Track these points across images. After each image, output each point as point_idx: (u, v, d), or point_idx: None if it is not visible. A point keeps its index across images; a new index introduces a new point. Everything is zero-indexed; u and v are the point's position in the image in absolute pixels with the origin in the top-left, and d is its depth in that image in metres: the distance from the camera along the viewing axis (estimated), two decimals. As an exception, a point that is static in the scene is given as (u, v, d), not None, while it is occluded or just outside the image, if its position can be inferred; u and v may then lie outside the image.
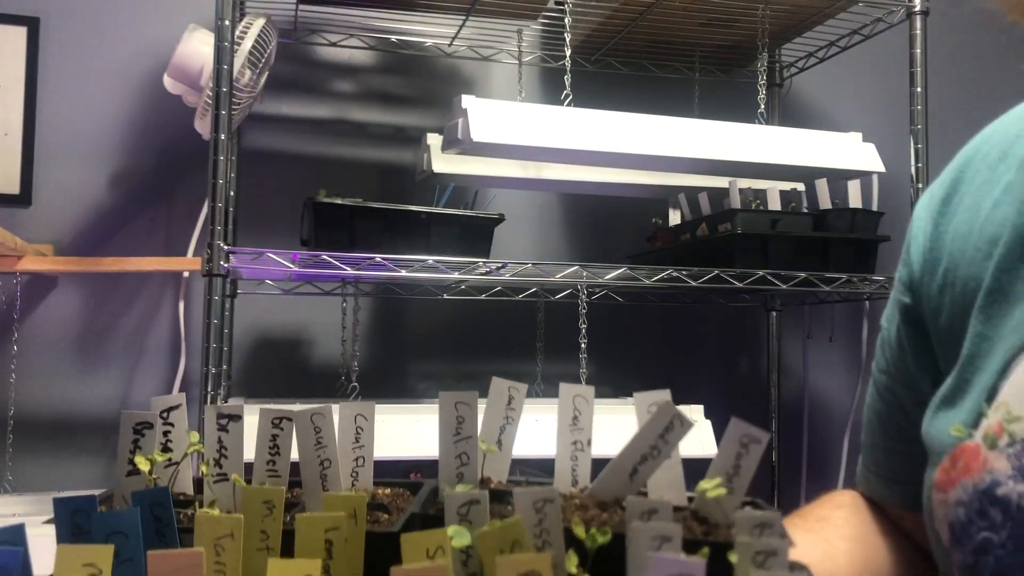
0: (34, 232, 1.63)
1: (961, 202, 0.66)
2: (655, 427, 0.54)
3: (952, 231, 0.65)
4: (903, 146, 1.61)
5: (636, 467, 0.54)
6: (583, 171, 1.66)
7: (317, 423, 0.57)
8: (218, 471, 0.57)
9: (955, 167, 0.69)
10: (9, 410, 1.61)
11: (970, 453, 0.56)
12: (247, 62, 1.45)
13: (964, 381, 0.60)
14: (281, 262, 1.34)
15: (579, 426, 0.59)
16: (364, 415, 0.61)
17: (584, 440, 0.59)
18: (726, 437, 0.54)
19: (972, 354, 0.60)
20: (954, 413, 0.60)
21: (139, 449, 0.55)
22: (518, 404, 0.60)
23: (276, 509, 0.48)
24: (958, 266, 0.63)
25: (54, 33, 1.68)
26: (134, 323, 1.70)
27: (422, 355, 1.84)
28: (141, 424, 0.55)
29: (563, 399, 0.60)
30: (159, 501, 0.48)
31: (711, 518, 0.53)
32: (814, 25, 1.76)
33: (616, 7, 1.63)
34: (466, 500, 0.47)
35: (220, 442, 0.58)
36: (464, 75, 1.90)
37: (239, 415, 0.58)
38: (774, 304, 1.98)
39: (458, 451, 0.57)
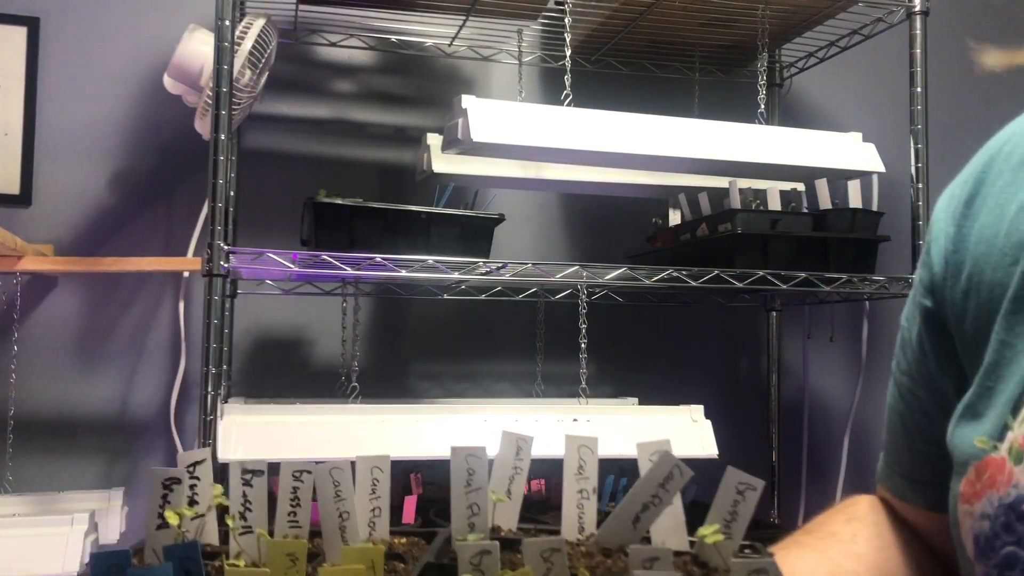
0: (34, 232, 1.64)
1: (984, 204, 0.65)
2: (656, 477, 0.57)
3: (976, 234, 0.64)
4: (903, 146, 1.61)
5: (639, 515, 0.57)
6: (583, 171, 1.66)
7: (336, 477, 0.60)
8: (243, 524, 0.60)
9: (976, 168, 0.67)
10: (9, 410, 1.61)
11: (996, 466, 0.56)
12: (247, 62, 1.45)
13: (987, 390, 0.59)
14: (281, 262, 1.34)
15: (585, 475, 0.62)
16: (380, 467, 0.64)
17: (590, 488, 0.62)
18: (723, 485, 0.57)
19: (995, 362, 0.59)
20: (979, 424, 0.59)
21: (168, 504, 0.58)
22: (526, 455, 0.63)
23: (299, 561, 0.51)
24: (983, 271, 0.62)
25: (54, 33, 1.68)
26: (134, 323, 1.70)
27: (422, 355, 1.84)
28: (170, 480, 0.59)
29: (568, 450, 0.62)
30: (189, 555, 0.51)
31: (711, 563, 0.56)
32: (814, 25, 1.76)
33: (616, 7, 1.63)
34: (478, 551, 0.49)
35: (244, 496, 0.61)
36: (464, 75, 1.90)
37: (262, 471, 0.61)
38: (774, 304, 1.98)
39: (469, 502, 0.60)
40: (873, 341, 1.98)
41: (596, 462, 0.62)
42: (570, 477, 0.62)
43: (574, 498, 0.62)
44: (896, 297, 1.68)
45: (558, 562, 0.49)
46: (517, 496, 0.63)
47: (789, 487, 1.98)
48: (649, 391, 1.76)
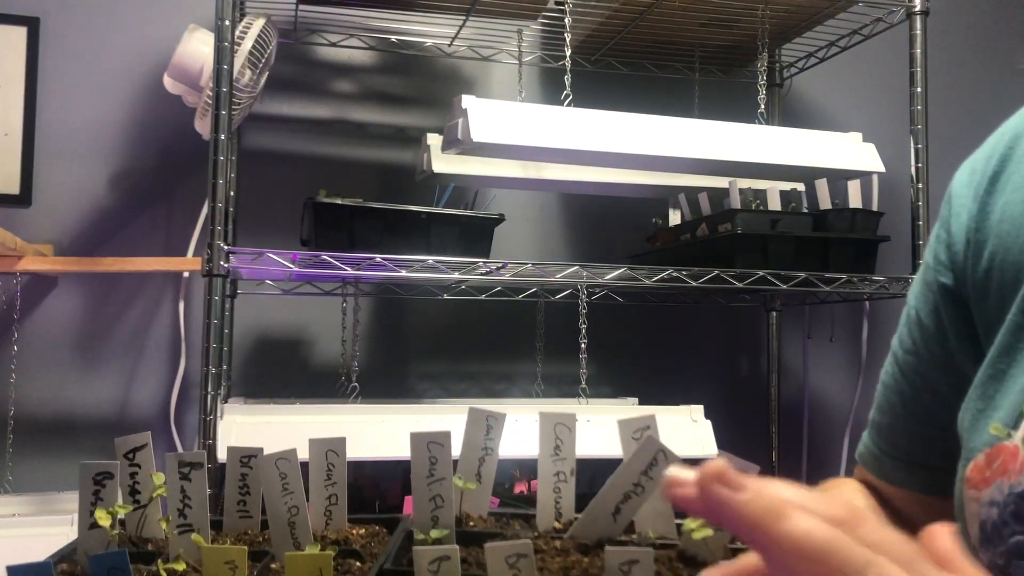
0: (34, 232, 1.64)
1: (1009, 181, 0.62)
2: (639, 463, 0.52)
3: (999, 212, 0.62)
4: (903, 146, 1.61)
5: (619, 506, 0.52)
6: (583, 171, 1.66)
7: (283, 469, 0.54)
8: (182, 521, 0.54)
9: (1003, 143, 0.65)
10: (9, 410, 1.61)
11: (1008, 454, 0.55)
12: (247, 62, 1.45)
13: (1000, 372, 0.58)
14: (281, 262, 1.34)
15: (561, 455, 0.57)
16: (335, 450, 0.58)
17: (567, 470, 0.56)
18: None
19: (1009, 345, 0.58)
20: (992, 410, 0.58)
21: (100, 501, 0.52)
22: (497, 434, 0.57)
23: (239, 569, 0.46)
24: (1008, 250, 0.60)
25: (54, 33, 1.68)
26: (134, 323, 1.70)
27: (422, 355, 1.84)
28: (101, 475, 0.52)
29: (544, 427, 0.57)
30: (118, 565, 0.47)
31: (698, 556, 0.52)
32: (814, 25, 1.76)
33: (616, 7, 1.63)
34: (436, 556, 0.45)
35: (183, 491, 0.55)
36: (464, 75, 1.90)
37: (201, 463, 0.55)
38: (774, 304, 1.98)
39: (432, 494, 0.53)
40: (873, 341, 1.98)
41: (574, 441, 0.57)
42: (545, 459, 0.56)
43: (550, 481, 0.56)
44: (896, 297, 1.68)
45: (525, 568, 0.44)
46: (488, 480, 0.57)
47: (789, 487, 1.97)
48: (649, 391, 1.77)
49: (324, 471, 0.57)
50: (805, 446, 2.01)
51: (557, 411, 0.57)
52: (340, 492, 0.58)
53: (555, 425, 0.57)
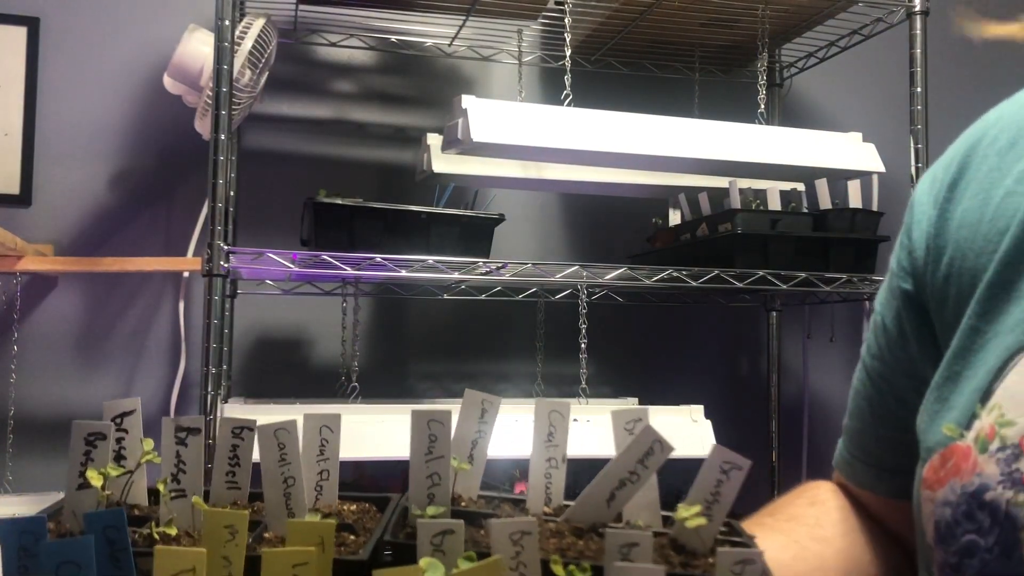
0: (34, 232, 1.63)
1: (968, 188, 0.63)
2: (635, 452, 0.53)
3: (958, 219, 0.63)
4: (903, 146, 1.61)
5: (614, 492, 0.53)
6: (583, 171, 1.66)
7: (281, 439, 0.54)
8: (176, 487, 0.54)
9: (960, 151, 0.66)
10: (9, 410, 1.61)
11: (961, 454, 0.55)
12: (247, 62, 1.45)
13: (955, 374, 0.59)
14: (281, 262, 1.34)
15: (554, 442, 0.58)
16: (330, 426, 0.58)
17: (559, 457, 0.58)
18: (707, 463, 0.53)
19: (964, 347, 0.59)
20: (947, 411, 0.59)
21: (91, 461, 0.52)
22: (491, 417, 0.58)
23: (239, 534, 0.45)
24: (965, 256, 0.61)
25: (54, 33, 1.68)
26: (134, 323, 1.70)
27: (422, 355, 1.84)
28: (93, 435, 0.52)
29: (539, 414, 0.58)
30: (114, 524, 0.45)
31: (688, 546, 0.52)
32: (814, 25, 1.76)
33: (616, 7, 1.63)
34: (441, 530, 0.45)
35: (178, 456, 0.55)
36: (464, 75, 1.90)
37: (199, 428, 0.55)
38: (774, 304, 1.98)
39: (430, 471, 0.54)
40: (873, 341, 1.98)
41: (567, 429, 0.58)
42: (539, 445, 0.58)
43: (542, 467, 0.58)
44: (896, 297, 1.68)
45: (529, 546, 0.44)
46: (479, 464, 0.58)
47: (789, 487, 1.97)
48: (649, 391, 1.77)
49: (317, 447, 0.58)
50: (805, 446, 2.01)
51: (552, 400, 0.59)
52: (332, 468, 0.59)
53: (550, 413, 0.58)
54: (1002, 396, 0.54)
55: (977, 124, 0.67)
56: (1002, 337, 0.56)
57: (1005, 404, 0.54)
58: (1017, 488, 0.50)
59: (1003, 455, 0.52)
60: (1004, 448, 0.52)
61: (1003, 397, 0.54)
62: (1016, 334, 0.55)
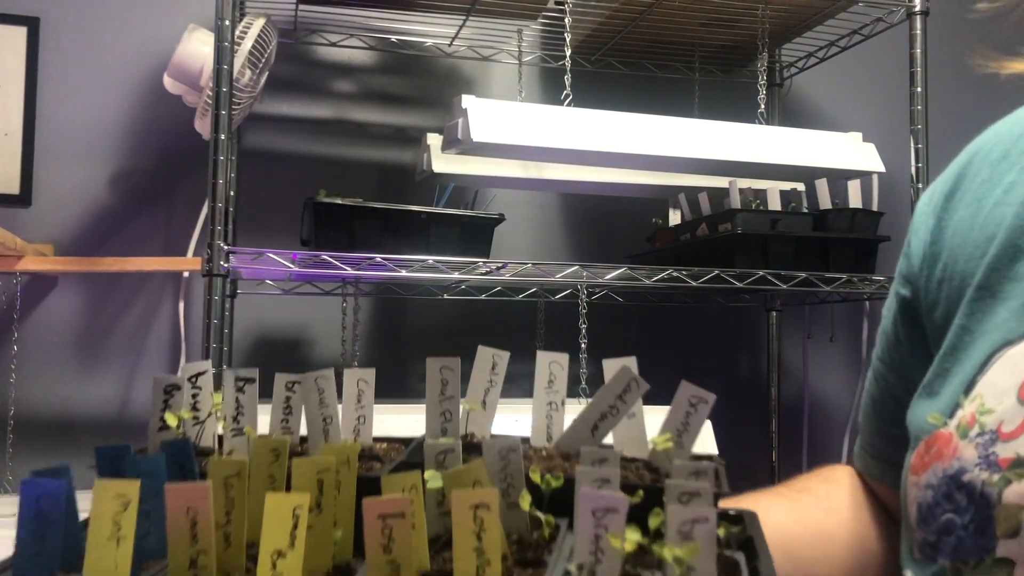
0: (34, 232, 1.64)
1: (963, 199, 0.67)
2: (614, 389, 0.62)
3: (953, 227, 0.67)
4: (903, 146, 1.61)
5: (597, 424, 0.62)
6: (583, 171, 1.66)
7: (320, 385, 0.65)
8: (235, 427, 0.66)
9: (959, 164, 0.70)
10: (9, 410, 1.61)
11: (943, 440, 0.59)
12: (247, 62, 1.46)
13: (944, 371, 0.63)
14: (281, 262, 1.34)
15: (554, 388, 0.67)
16: (366, 380, 0.70)
17: (559, 400, 0.67)
18: (676, 398, 0.61)
19: (954, 345, 0.63)
20: (933, 402, 0.63)
21: (168, 408, 0.63)
22: (501, 369, 0.70)
23: (281, 456, 0.54)
24: (956, 262, 0.65)
25: (54, 33, 1.68)
26: (134, 323, 1.70)
27: (422, 355, 1.83)
28: (170, 387, 0.64)
29: (540, 365, 0.68)
30: (182, 451, 0.56)
31: (662, 469, 0.60)
32: (814, 25, 1.76)
33: (616, 7, 1.63)
34: (443, 449, 0.53)
35: (237, 402, 0.67)
36: (464, 75, 1.90)
37: (254, 378, 0.68)
38: (774, 304, 1.98)
39: (442, 409, 0.65)
40: (873, 341, 1.97)
41: (565, 377, 0.67)
42: (540, 391, 0.68)
43: (544, 409, 0.67)
44: (896, 297, 1.68)
45: (514, 461, 0.53)
46: (492, 406, 0.69)
47: (789, 487, 1.97)
48: (649, 391, 1.76)
49: (356, 397, 0.69)
50: (805, 446, 2.01)
51: (551, 352, 0.70)
52: (368, 414, 0.70)
53: (550, 363, 0.68)
54: (984, 387, 0.58)
55: (976, 139, 0.71)
56: (987, 335, 0.60)
57: (986, 394, 0.58)
58: (992, 469, 0.54)
59: (981, 440, 0.56)
60: (983, 434, 0.56)
61: (985, 388, 0.58)
62: (1000, 332, 0.59)
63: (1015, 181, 0.63)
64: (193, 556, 0.46)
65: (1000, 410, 0.56)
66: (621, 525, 0.43)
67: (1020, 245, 0.60)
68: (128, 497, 0.46)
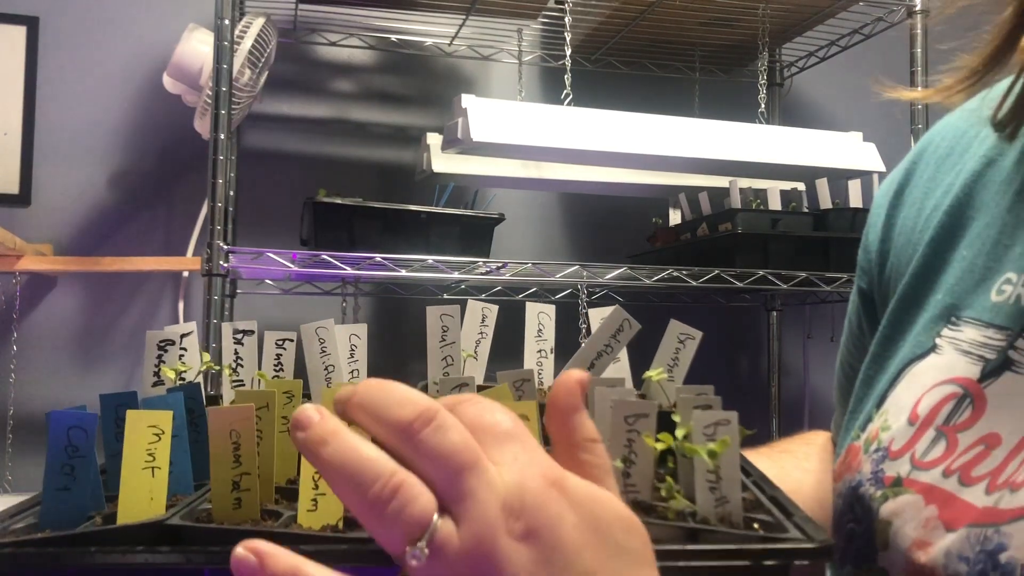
0: (33, 232, 1.63)
1: (910, 195, 0.67)
2: (608, 329, 0.67)
3: (899, 226, 0.67)
4: (903, 146, 1.61)
5: (593, 362, 0.67)
6: (583, 171, 1.66)
7: (321, 336, 0.68)
8: (235, 377, 0.69)
9: (910, 158, 0.70)
10: (9, 410, 1.60)
11: (853, 453, 0.61)
12: (247, 61, 1.45)
13: (868, 378, 0.64)
14: (281, 262, 1.34)
15: (543, 337, 0.74)
16: (357, 335, 0.72)
17: (547, 348, 0.74)
18: (666, 336, 0.67)
19: (877, 353, 0.63)
20: (858, 413, 0.64)
21: (163, 363, 0.65)
22: (491, 322, 0.76)
23: (295, 398, 0.57)
24: (899, 262, 0.65)
25: (53, 33, 1.68)
26: (133, 323, 1.69)
27: (422, 355, 1.82)
28: (164, 342, 0.65)
29: (529, 315, 0.74)
30: (192, 395, 0.57)
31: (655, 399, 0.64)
32: (815, 24, 1.76)
33: (616, 7, 1.62)
34: (458, 383, 0.57)
35: (236, 354, 0.70)
36: (464, 75, 1.90)
37: (252, 330, 0.70)
38: (774, 304, 1.97)
39: (444, 354, 0.69)
40: (873, 341, 1.98)
41: (552, 327, 0.74)
42: (531, 339, 0.74)
43: (534, 356, 0.74)
44: (896, 297, 1.68)
45: (528, 390, 0.59)
46: (483, 356, 0.74)
47: (789, 487, 1.97)
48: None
49: (349, 352, 0.72)
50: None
51: (540, 303, 0.76)
52: (362, 368, 0.73)
53: (538, 314, 0.74)
54: (890, 403, 0.59)
55: (929, 130, 0.70)
56: (905, 347, 0.60)
57: (890, 411, 0.59)
58: (878, 485, 0.56)
59: (876, 456, 0.58)
60: (878, 450, 0.58)
61: (891, 404, 0.59)
62: (912, 345, 0.60)
63: (952, 183, 0.62)
64: (235, 478, 0.47)
65: (895, 428, 0.57)
66: (652, 427, 0.48)
67: (941, 253, 0.60)
68: (161, 427, 0.48)
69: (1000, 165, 0.60)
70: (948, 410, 0.54)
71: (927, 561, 0.50)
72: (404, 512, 0.33)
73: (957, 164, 0.63)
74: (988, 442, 0.51)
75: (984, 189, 0.60)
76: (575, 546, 0.34)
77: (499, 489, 0.34)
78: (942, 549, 0.49)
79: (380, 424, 0.35)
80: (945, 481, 0.52)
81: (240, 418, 0.47)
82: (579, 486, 0.36)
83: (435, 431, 0.34)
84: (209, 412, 0.47)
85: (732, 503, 0.46)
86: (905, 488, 0.54)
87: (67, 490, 0.47)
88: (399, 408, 0.34)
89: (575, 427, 0.38)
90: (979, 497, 0.49)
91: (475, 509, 0.33)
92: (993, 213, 0.58)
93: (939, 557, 0.49)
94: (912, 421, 0.56)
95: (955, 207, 0.61)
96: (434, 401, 0.35)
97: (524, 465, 0.35)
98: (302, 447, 0.35)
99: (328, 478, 0.34)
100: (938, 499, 0.51)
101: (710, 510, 0.46)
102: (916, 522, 0.52)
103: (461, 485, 0.34)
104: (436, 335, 0.68)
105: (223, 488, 0.47)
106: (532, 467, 0.35)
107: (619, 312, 0.66)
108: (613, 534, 0.35)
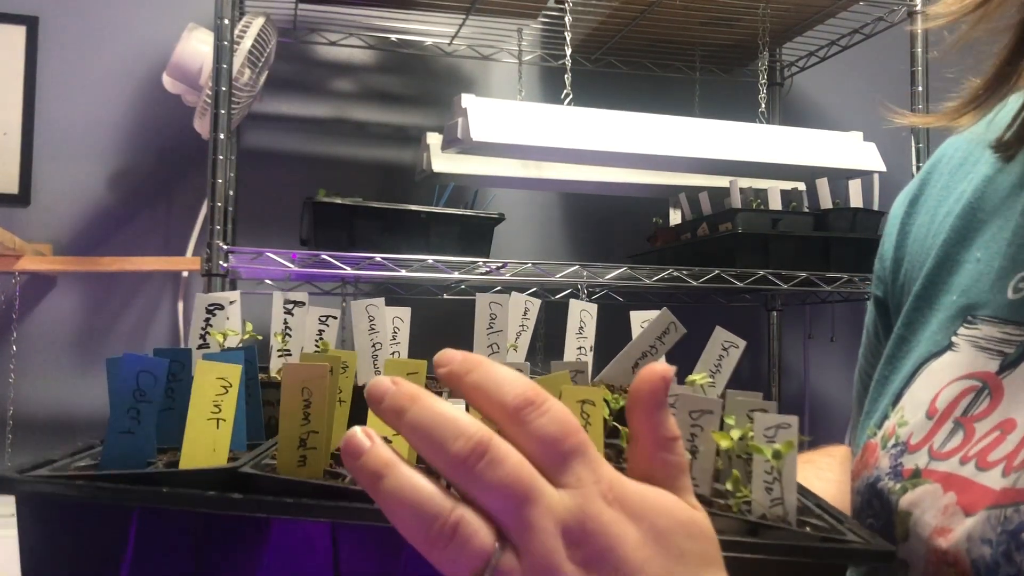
0: (33, 232, 1.63)
1: (924, 204, 0.69)
2: (655, 331, 0.69)
3: (914, 233, 0.68)
4: (903, 146, 1.60)
5: (637, 361, 0.69)
6: (583, 171, 1.66)
7: (371, 313, 0.69)
8: (282, 346, 0.70)
9: (925, 169, 0.72)
10: (9, 409, 1.60)
11: (870, 450, 0.62)
12: (246, 61, 1.45)
13: (883, 378, 0.65)
14: (281, 262, 1.34)
15: (584, 335, 0.76)
16: (401, 317, 0.76)
17: (587, 346, 0.76)
18: (711, 341, 0.67)
19: (892, 355, 0.65)
20: (874, 412, 0.66)
21: (211, 327, 0.64)
22: (532, 315, 0.78)
23: (349, 368, 0.57)
24: (913, 268, 0.67)
25: (53, 33, 1.68)
26: (133, 323, 1.69)
27: (421, 355, 1.83)
28: (213, 305, 0.64)
29: (572, 312, 0.77)
30: (249, 359, 0.56)
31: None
32: (815, 24, 1.76)
33: (616, 6, 1.62)
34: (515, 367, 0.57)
35: (286, 324, 0.71)
36: (464, 74, 1.90)
37: (303, 302, 0.72)
38: (775, 304, 1.97)
39: (490, 341, 0.71)
40: (874, 341, 1.98)
41: (594, 325, 0.76)
42: (572, 336, 0.77)
43: (575, 353, 0.77)
44: (897, 297, 1.68)
45: (580, 380, 0.62)
46: (523, 348, 0.76)
47: (790, 487, 1.97)
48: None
49: (391, 332, 0.74)
50: (806, 446, 2.01)
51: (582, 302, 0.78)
52: (403, 350, 0.76)
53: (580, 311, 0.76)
54: (907, 400, 0.61)
55: (945, 142, 0.72)
56: (918, 347, 0.62)
57: (907, 407, 0.60)
58: (897, 479, 0.57)
59: (895, 451, 0.59)
60: (897, 445, 0.59)
61: (907, 401, 0.61)
62: (927, 344, 0.61)
63: (964, 190, 0.64)
64: (303, 436, 0.47)
65: (912, 423, 0.58)
66: (716, 424, 0.48)
67: (954, 256, 0.62)
68: (230, 380, 0.48)
69: (1011, 170, 0.62)
70: (967, 403, 0.55)
71: (949, 547, 0.50)
72: (465, 549, 0.34)
73: (969, 172, 0.65)
74: (1004, 428, 0.52)
75: (995, 193, 0.62)
76: (637, 563, 0.35)
77: (559, 515, 0.35)
78: (963, 533, 0.49)
79: (436, 459, 0.35)
80: (962, 468, 0.52)
81: (314, 375, 0.47)
82: (640, 499, 0.36)
83: (488, 466, 0.34)
84: (284, 367, 0.47)
85: (787, 504, 0.47)
86: (923, 479, 0.55)
87: (131, 433, 0.47)
88: (453, 442, 0.35)
89: (657, 424, 0.38)
90: (996, 480, 0.50)
91: (535, 541, 0.34)
92: (1005, 216, 0.60)
93: (961, 541, 0.49)
94: (930, 415, 0.57)
95: (967, 211, 0.62)
96: (486, 429, 0.35)
97: (586, 485, 0.35)
98: (356, 474, 0.35)
99: (385, 510, 0.35)
100: (956, 486, 0.52)
101: (765, 510, 0.47)
102: (935, 510, 0.52)
103: (519, 518, 0.34)
104: (484, 321, 0.70)
105: (290, 444, 0.47)
106: (593, 487, 0.35)
107: (666, 315, 0.67)
108: (676, 542, 0.36)
